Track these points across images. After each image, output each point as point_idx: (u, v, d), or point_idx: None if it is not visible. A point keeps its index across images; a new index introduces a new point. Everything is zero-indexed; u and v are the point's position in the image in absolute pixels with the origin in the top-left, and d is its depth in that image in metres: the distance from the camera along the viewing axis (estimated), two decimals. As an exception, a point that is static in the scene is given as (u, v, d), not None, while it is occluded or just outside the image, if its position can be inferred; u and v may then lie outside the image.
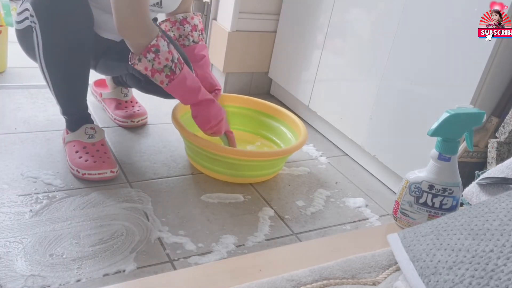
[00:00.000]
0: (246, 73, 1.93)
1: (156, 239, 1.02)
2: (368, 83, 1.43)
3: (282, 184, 1.34)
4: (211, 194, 1.22)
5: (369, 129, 1.44)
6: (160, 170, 1.29)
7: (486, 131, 1.21)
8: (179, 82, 1.14)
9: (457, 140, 0.74)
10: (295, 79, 1.78)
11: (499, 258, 0.47)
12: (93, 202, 1.10)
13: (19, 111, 1.45)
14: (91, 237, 0.99)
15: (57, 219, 1.02)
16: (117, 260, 0.94)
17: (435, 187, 0.75)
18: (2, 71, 1.71)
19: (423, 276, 0.52)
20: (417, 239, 0.58)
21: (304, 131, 1.36)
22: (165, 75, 1.11)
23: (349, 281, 0.58)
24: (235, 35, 1.80)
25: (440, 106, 1.20)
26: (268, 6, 1.83)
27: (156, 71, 1.11)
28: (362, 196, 1.34)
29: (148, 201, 1.14)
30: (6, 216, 1.01)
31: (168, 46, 1.11)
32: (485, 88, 1.13)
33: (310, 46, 1.68)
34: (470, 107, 0.74)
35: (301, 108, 1.80)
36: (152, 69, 1.11)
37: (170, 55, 1.11)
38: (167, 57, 1.10)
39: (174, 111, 1.31)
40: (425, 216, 0.77)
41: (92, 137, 1.22)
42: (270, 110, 1.52)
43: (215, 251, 1.02)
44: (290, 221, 1.18)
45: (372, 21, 1.43)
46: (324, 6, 1.60)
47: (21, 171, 1.16)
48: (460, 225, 0.55)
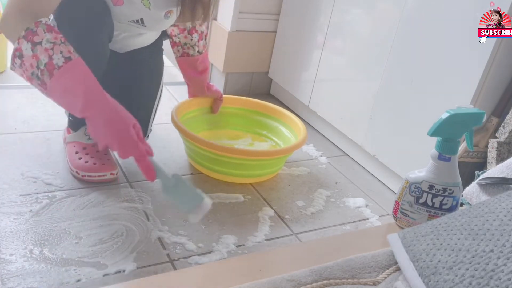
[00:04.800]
0: (246, 73, 1.93)
1: (156, 239, 1.02)
2: (368, 83, 1.43)
3: (282, 184, 1.34)
4: (211, 194, 1.22)
5: (369, 129, 1.44)
6: (160, 170, 1.29)
7: (486, 131, 1.21)
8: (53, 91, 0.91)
9: (457, 140, 0.74)
10: (295, 79, 1.78)
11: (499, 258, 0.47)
12: (93, 202, 1.10)
13: (19, 111, 1.45)
14: (91, 237, 0.99)
15: (57, 219, 1.02)
16: (117, 260, 0.94)
17: (435, 187, 0.75)
18: (2, 71, 1.71)
19: (423, 276, 0.52)
20: (417, 239, 0.58)
21: (304, 131, 1.36)
22: (37, 83, 0.91)
23: (349, 281, 0.58)
24: (235, 35, 1.80)
25: (440, 106, 1.20)
26: (268, 6, 1.83)
27: (29, 78, 0.91)
28: (362, 196, 1.34)
29: (148, 201, 1.14)
30: (6, 216, 1.01)
31: (33, 49, 0.88)
32: (485, 88, 1.13)
33: (310, 46, 1.68)
34: (470, 107, 0.75)
35: (301, 108, 1.80)
36: (27, 76, 0.91)
37: (35, 61, 0.89)
38: (32, 63, 0.89)
39: (174, 111, 1.31)
40: (425, 216, 0.77)
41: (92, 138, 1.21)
42: (269, 110, 1.52)
43: (215, 251, 1.02)
44: (290, 221, 1.18)
45: (372, 21, 1.43)
46: (324, 6, 1.60)
47: (21, 171, 1.16)
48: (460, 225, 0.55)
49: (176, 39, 1.36)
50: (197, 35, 1.33)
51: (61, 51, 0.90)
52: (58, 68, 0.89)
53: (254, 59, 1.89)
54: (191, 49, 1.35)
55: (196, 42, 1.34)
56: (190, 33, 1.33)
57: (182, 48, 1.36)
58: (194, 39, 1.33)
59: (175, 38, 1.36)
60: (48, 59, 0.88)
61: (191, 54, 1.36)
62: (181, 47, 1.36)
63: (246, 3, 1.77)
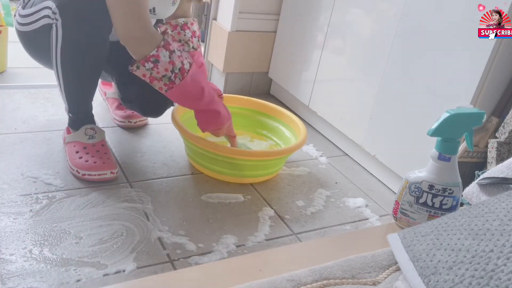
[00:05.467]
0: (246, 73, 1.93)
1: (156, 239, 1.02)
2: (368, 83, 1.43)
3: (282, 184, 1.34)
4: (211, 194, 1.22)
5: (369, 129, 1.44)
6: (160, 170, 1.29)
7: (486, 131, 1.21)
8: (179, 90, 1.13)
9: (457, 140, 0.74)
10: (295, 79, 1.78)
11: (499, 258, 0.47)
12: (93, 202, 1.10)
13: (19, 111, 1.45)
14: (91, 237, 0.99)
15: (57, 219, 1.02)
16: (117, 260, 0.94)
17: (435, 187, 0.75)
18: (2, 71, 1.71)
19: (423, 276, 0.52)
20: (417, 239, 0.58)
21: (304, 131, 1.36)
22: (163, 83, 1.10)
23: (349, 281, 0.58)
24: (235, 35, 1.80)
25: (440, 106, 1.20)
26: (268, 6, 1.83)
27: (154, 78, 1.10)
28: (362, 196, 1.34)
29: (148, 201, 1.14)
30: (6, 216, 1.01)
31: (171, 56, 1.09)
32: (485, 88, 1.13)
33: (310, 46, 1.68)
34: (470, 107, 0.74)
35: (301, 108, 1.80)
36: (151, 76, 1.10)
37: (171, 66, 1.09)
38: (167, 67, 1.09)
39: (174, 112, 1.31)
40: (425, 216, 0.77)
41: (92, 138, 1.22)
42: (269, 110, 1.52)
43: (215, 251, 1.02)
44: (290, 221, 1.18)
45: (372, 21, 1.43)
46: (324, 6, 1.60)
47: (21, 171, 1.16)
48: (460, 225, 0.55)
49: None
50: (189, 32, 1.34)
51: (186, 57, 1.13)
52: (187, 71, 1.11)
53: (254, 59, 1.89)
54: (185, 46, 1.36)
55: (190, 38, 1.35)
56: (183, 29, 1.34)
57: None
58: (187, 35, 1.34)
59: None
60: (181, 65, 1.10)
61: (186, 50, 1.36)
62: None
63: (246, 3, 1.77)
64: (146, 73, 1.09)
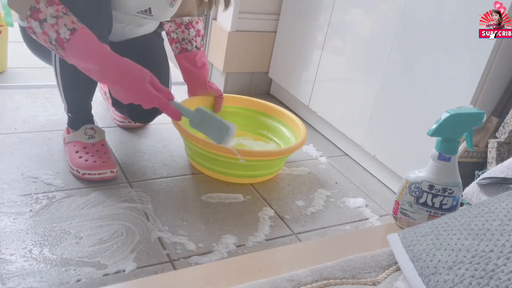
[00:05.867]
0: (246, 73, 1.93)
1: (156, 239, 1.02)
2: (368, 83, 1.43)
3: (282, 184, 1.34)
4: (211, 194, 1.22)
5: (369, 129, 1.44)
6: (160, 170, 1.29)
7: (486, 131, 1.21)
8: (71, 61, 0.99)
9: (457, 140, 0.74)
10: (295, 79, 1.78)
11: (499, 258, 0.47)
12: (93, 202, 1.10)
13: (19, 111, 1.45)
14: (91, 237, 0.99)
15: (57, 219, 1.02)
16: (117, 260, 0.94)
17: (435, 187, 0.75)
18: (2, 71, 1.71)
19: (423, 276, 0.52)
20: (417, 239, 0.58)
21: (304, 131, 1.36)
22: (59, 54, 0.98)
23: (349, 281, 0.58)
24: (235, 35, 1.80)
25: (440, 106, 1.20)
26: (268, 6, 1.83)
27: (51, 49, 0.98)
28: (362, 196, 1.34)
29: (148, 201, 1.14)
30: (6, 216, 1.01)
31: (41, 26, 0.92)
32: (485, 88, 1.13)
33: (310, 46, 1.68)
34: (470, 107, 0.74)
35: (301, 108, 1.80)
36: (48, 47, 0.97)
37: (46, 37, 0.94)
38: (44, 39, 0.95)
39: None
40: (425, 216, 0.77)
41: (92, 138, 1.22)
42: (269, 110, 1.52)
43: (215, 251, 1.02)
44: (290, 221, 1.18)
45: (372, 21, 1.43)
46: (324, 6, 1.60)
47: (21, 171, 1.16)
48: (460, 225, 0.55)
49: (174, 35, 1.36)
50: (193, 31, 1.34)
51: (65, 23, 0.92)
52: (66, 41, 0.92)
53: (254, 59, 1.89)
54: (189, 44, 1.36)
55: (194, 37, 1.35)
56: (187, 28, 1.34)
57: (180, 44, 1.37)
58: (191, 33, 1.34)
59: (172, 34, 1.36)
60: (56, 35, 0.92)
61: (189, 49, 1.36)
62: (179, 43, 1.37)
63: (246, 3, 1.77)
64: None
